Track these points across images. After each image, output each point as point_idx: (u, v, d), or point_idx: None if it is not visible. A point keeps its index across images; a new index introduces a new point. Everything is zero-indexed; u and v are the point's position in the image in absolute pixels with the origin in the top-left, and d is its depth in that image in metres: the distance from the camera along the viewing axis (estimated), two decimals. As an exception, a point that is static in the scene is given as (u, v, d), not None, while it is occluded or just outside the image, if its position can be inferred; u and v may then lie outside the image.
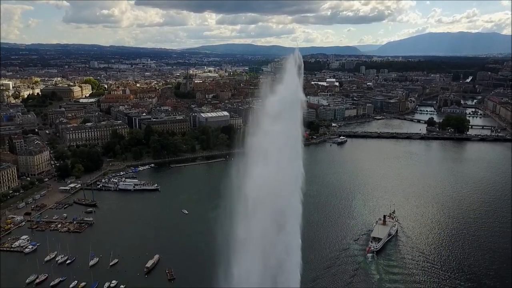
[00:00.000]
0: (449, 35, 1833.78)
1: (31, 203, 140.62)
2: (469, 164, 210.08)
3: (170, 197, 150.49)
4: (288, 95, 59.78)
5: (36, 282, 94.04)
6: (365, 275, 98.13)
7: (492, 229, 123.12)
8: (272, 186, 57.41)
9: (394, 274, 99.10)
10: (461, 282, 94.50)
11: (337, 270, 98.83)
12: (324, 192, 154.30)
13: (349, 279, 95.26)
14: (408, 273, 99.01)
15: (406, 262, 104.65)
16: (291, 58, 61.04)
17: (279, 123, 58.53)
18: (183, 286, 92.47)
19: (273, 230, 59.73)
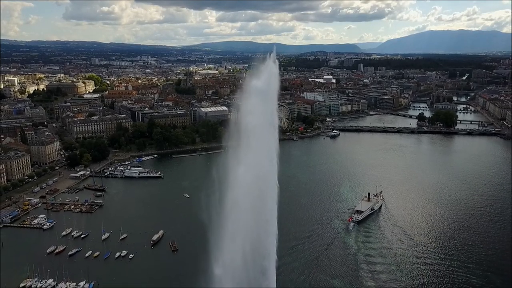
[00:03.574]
0: (449, 33, 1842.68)
1: (45, 188, 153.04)
2: (454, 155, 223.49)
3: (173, 184, 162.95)
4: (263, 84, 68.30)
5: (56, 252, 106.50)
6: (342, 243, 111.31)
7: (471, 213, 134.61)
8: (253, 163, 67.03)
9: (370, 243, 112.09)
10: (438, 258, 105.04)
11: (316, 239, 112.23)
12: (314, 180, 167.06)
13: (326, 246, 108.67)
14: (386, 247, 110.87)
15: (385, 236, 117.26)
16: (268, 55, 69.59)
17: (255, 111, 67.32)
18: (185, 256, 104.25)
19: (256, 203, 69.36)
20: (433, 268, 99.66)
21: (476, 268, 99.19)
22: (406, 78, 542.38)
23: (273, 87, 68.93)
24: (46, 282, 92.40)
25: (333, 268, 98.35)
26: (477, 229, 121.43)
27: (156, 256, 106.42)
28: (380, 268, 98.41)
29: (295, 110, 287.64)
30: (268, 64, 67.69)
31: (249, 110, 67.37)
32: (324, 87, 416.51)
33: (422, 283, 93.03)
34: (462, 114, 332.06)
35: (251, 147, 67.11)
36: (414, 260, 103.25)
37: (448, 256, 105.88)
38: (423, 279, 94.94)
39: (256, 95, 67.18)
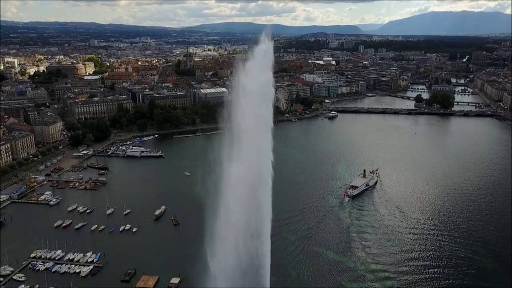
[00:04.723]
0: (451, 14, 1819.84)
1: (50, 167, 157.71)
2: (449, 136, 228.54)
3: (174, 163, 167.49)
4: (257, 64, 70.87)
5: (63, 226, 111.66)
6: (336, 217, 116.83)
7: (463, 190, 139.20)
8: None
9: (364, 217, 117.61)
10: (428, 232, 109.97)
11: (311, 213, 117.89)
12: (311, 159, 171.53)
13: (320, 218, 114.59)
14: (378, 221, 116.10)
15: (378, 210, 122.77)
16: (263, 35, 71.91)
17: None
18: (186, 230, 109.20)
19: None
20: (422, 241, 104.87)
21: (463, 241, 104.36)
22: (406, 60, 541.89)
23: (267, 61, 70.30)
24: (55, 253, 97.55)
25: (327, 240, 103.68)
26: (467, 206, 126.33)
27: (158, 230, 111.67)
28: (371, 241, 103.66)
29: (294, 91, 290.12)
30: (262, 41, 69.90)
31: (243, 84, 69.60)
32: (324, 68, 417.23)
33: (411, 255, 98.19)
34: (460, 96, 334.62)
35: (246, 124, 70.18)
36: (405, 233, 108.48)
37: (437, 230, 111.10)
38: (413, 250, 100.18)
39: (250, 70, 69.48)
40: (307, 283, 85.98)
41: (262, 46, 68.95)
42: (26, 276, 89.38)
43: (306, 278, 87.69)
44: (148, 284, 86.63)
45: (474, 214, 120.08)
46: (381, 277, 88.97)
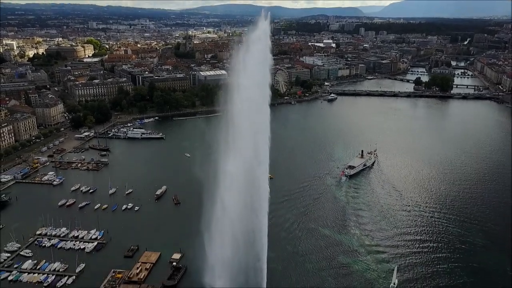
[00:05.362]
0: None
1: (52, 148, 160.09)
2: (447, 118, 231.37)
3: (174, 144, 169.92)
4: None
5: (67, 205, 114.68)
6: (332, 196, 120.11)
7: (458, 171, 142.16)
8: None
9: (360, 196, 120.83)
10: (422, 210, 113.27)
11: (308, 191, 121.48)
12: (310, 141, 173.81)
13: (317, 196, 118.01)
14: (374, 200, 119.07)
15: (374, 190, 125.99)
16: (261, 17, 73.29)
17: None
18: (187, 208, 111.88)
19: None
20: (417, 219, 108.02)
21: (456, 219, 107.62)
22: (407, 43, 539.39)
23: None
24: (60, 230, 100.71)
25: (323, 217, 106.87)
26: (462, 186, 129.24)
27: (159, 208, 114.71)
28: (366, 219, 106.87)
29: (293, 74, 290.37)
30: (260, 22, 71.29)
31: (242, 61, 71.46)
32: (324, 51, 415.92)
33: (404, 231, 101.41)
34: (460, 78, 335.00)
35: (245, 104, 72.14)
36: (400, 212, 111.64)
37: (432, 208, 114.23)
38: (406, 228, 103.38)
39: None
40: (302, 257, 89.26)
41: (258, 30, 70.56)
42: (33, 252, 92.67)
43: (302, 253, 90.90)
44: (151, 260, 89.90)
45: (469, 194, 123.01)
46: (374, 251, 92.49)
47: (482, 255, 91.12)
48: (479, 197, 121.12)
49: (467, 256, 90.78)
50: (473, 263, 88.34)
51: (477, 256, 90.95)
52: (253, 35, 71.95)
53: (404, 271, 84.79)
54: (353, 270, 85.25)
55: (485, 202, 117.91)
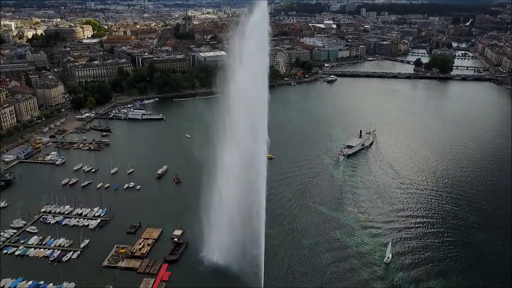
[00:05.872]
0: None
1: (54, 129, 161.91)
2: (446, 100, 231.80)
3: (174, 125, 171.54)
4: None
5: (70, 184, 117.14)
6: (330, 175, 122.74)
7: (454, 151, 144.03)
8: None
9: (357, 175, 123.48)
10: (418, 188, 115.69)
11: (306, 170, 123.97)
12: (309, 122, 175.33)
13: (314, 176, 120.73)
14: (371, 179, 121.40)
15: (372, 169, 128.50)
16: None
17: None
18: (188, 187, 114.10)
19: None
20: (412, 197, 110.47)
21: (450, 197, 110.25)
22: (408, 24, 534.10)
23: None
24: (64, 208, 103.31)
25: (320, 196, 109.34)
26: (458, 166, 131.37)
27: (161, 187, 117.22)
28: (363, 197, 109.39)
29: (294, 55, 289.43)
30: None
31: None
32: (324, 32, 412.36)
33: (400, 209, 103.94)
34: (460, 60, 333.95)
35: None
36: (396, 190, 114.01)
37: (428, 187, 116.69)
38: (402, 205, 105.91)
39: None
40: (299, 233, 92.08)
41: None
42: (38, 228, 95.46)
43: (299, 229, 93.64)
44: (153, 236, 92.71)
45: (465, 174, 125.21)
46: (369, 227, 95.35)
47: (474, 231, 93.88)
48: (475, 176, 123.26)
49: (460, 232, 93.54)
50: (465, 239, 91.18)
51: (470, 232, 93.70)
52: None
53: (398, 245, 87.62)
54: (348, 245, 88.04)
55: (481, 181, 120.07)
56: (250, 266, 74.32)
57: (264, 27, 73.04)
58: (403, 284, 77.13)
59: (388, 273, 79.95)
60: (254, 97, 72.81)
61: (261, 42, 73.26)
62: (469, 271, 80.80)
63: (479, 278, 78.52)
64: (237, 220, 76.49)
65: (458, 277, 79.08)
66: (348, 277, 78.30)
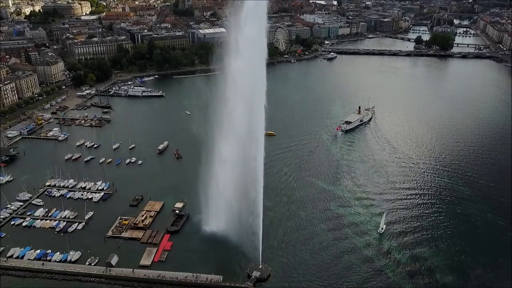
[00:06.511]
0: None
1: (55, 105, 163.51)
2: (445, 77, 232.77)
3: (174, 102, 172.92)
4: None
5: (73, 159, 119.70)
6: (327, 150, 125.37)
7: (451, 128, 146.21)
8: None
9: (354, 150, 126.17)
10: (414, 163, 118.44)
11: (304, 145, 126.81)
12: (308, 99, 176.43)
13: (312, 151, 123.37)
14: (368, 154, 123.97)
15: (369, 145, 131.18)
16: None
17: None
18: (188, 162, 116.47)
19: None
20: (408, 172, 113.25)
21: (445, 172, 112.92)
22: (410, 0, 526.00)
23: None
24: (68, 182, 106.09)
25: (318, 171, 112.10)
26: (455, 142, 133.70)
27: (162, 162, 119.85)
28: (359, 172, 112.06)
29: (294, 32, 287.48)
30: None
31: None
32: (325, 9, 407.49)
33: (395, 183, 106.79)
34: (461, 37, 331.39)
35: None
36: (392, 165, 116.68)
37: (423, 162, 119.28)
38: (397, 180, 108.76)
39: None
40: (296, 206, 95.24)
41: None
42: (44, 201, 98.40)
43: (296, 202, 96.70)
44: (155, 208, 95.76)
45: (462, 151, 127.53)
46: (365, 199, 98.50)
47: (466, 203, 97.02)
48: (472, 153, 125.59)
49: (452, 204, 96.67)
50: (457, 210, 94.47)
51: (462, 204, 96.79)
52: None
53: (392, 217, 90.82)
54: (344, 217, 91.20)
55: (477, 157, 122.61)
56: (247, 235, 77.42)
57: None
58: (395, 252, 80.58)
59: (381, 242, 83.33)
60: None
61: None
62: (458, 239, 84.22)
63: (468, 247, 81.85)
64: (236, 191, 79.30)
65: (448, 245, 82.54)
66: (343, 245, 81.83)
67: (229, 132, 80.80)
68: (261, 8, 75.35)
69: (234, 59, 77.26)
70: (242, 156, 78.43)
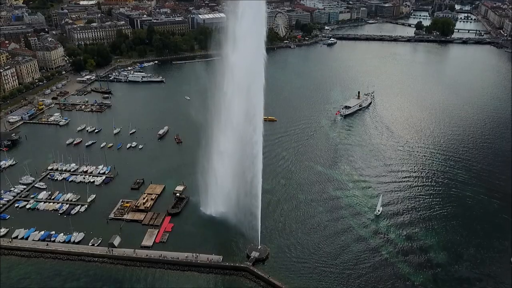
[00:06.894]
0: None
1: (55, 90, 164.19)
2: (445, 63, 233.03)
3: (174, 87, 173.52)
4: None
5: (74, 143, 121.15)
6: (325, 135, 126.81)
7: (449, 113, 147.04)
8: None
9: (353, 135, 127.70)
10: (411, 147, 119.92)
11: (303, 130, 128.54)
12: (308, 85, 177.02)
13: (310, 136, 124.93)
14: (366, 139, 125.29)
15: (368, 129, 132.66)
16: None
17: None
18: (188, 146, 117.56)
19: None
20: (405, 156, 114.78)
21: (442, 156, 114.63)
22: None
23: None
24: (70, 166, 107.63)
25: (316, 155, 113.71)
26: (453, 128, 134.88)
27: (162, 146, 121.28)
28: (357, 156, 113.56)
29: (294, 17, 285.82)
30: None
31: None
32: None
33: (392, 167, 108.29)
34: (463, 23, 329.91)
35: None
36: (390, 150, 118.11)
37: (421, 147, 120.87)
38: (394, 163, 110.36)
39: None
40: (295, 189, 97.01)
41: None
42: (46, 184, 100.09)
43: (295, 185, 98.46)
44: (156, 191, 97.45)
45: (460, 136, 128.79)
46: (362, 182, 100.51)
47: (461, 186, 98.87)
48: (470, 138, 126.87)
49: (447, 187, 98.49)
50: (451, 192, 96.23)
51: (457, 187, 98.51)
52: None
53: (388, 199, 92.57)
54: (341, 200, 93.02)
55: (475, 143, 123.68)
56: (246, 217, 79.14)
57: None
58: (391, 233, 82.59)
59: (378, 223, 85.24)
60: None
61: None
62: (453, 220, 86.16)
63: (461, 228, 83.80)
64: (235, 174, 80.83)
65: (442, 226, 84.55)
66: (340, 227, 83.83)
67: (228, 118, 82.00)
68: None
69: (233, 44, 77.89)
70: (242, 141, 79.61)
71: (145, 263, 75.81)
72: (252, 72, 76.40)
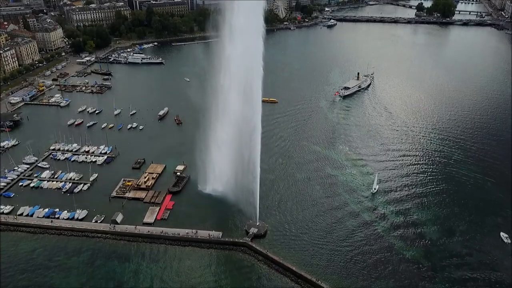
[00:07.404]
0: None
1: (55, 72, 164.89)
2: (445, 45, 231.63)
3: (174, 69, 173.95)
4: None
5: (75, 124, 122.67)
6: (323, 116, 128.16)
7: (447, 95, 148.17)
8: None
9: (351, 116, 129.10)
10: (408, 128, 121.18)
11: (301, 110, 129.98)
12: (307, 67, 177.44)
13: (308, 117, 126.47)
14: (364, 120, 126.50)
15: (366, 110, 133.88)
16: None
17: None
18: (188, 127, 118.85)
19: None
20: (402, 137, 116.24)
21: (439, 137, 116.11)
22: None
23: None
24: (72, 146, 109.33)
25: (314, 135, 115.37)
26: (451, 110, 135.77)
27: (163, 127, 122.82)
28: (355, 136, 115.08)
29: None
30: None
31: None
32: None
33: (389, 147, 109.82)
34: (464, 4, 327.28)
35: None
36: (387, 131, 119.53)
37: (418, 128, 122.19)
38: (391, 144, 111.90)
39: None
40: (292, 168, 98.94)
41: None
42: (49, 164, 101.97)
43: (293, 165, 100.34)
44: (157, 170, 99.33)
45: (458, 117, 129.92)
46: (359, 161, 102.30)
47: (457, 165, 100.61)
48: (468, 119, 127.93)
49: (442, 167, 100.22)
50: (446, 172, 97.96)
51: (453, 166, 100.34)
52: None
53: (384, 178, 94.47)
54: (338, 179, 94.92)
55: (473, 124, 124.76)
56: (245, 194, 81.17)
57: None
58: (385, 209, 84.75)
59: (373, 201, 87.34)
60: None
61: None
62: (447, 198, 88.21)
63: (455, 206, 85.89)
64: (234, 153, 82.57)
65: (436, 203, 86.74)
66: (336, 204, 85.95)
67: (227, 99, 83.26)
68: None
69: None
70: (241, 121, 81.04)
71: (147, 239, 78.10)
72: (250, 53, 77.44)
